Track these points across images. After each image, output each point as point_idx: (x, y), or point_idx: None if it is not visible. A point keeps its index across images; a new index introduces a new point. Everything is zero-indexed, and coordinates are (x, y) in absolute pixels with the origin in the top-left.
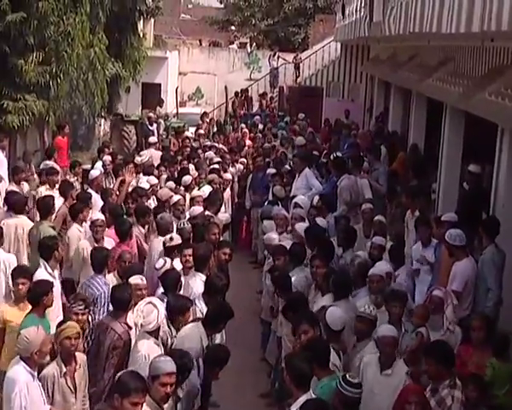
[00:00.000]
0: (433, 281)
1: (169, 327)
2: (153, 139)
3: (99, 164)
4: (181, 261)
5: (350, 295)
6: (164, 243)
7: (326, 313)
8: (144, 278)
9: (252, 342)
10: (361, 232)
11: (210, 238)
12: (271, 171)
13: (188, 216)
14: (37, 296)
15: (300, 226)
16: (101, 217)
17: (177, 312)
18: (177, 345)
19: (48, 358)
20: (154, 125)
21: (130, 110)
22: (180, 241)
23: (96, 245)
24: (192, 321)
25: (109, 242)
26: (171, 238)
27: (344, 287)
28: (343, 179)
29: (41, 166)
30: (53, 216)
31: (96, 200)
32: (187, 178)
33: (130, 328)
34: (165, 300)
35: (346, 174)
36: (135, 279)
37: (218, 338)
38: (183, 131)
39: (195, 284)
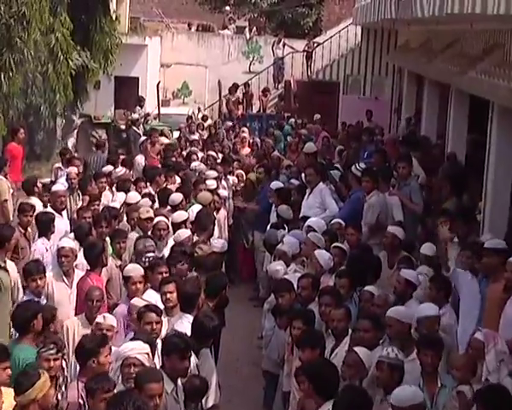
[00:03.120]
0: (477, 322)
1: None
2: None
3: (63, 178)
4: (161, 300)
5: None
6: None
7: (358, 352)
8: (109, 317)
9: (252, 398)
10: (385, 261)
11: (155, 277)
12: (276, 185)
13: (171, 243)
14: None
15: (321, 255)
16: (69, 244)
17: None
18: None
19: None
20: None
21: (100, 111)
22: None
23: (65, 278)
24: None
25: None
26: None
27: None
28: (373, 196)
29: None
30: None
31: (61, 222)
32: (176, 197)
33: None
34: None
35: (375, 190)
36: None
37: (211, 398)
38: (164, 135)
39: (182, 327)
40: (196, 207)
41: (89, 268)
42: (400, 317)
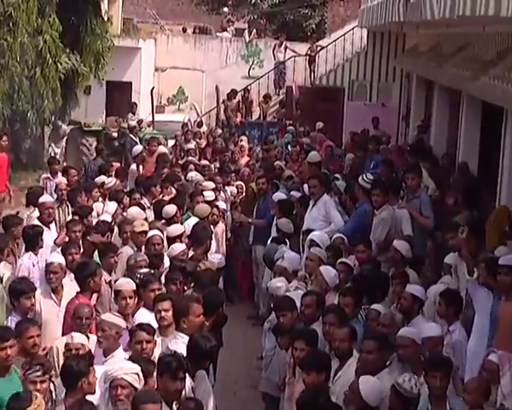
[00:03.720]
0: (490, 342)
1: None
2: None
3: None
4: (155, 319)
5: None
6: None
7: (359, 382)
8: (78, 336)
9: None
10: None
11: (148, 295)
12: (278, 197)
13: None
14: None
15: (327, 271)
16: (58, 259)
17: None
18: None
19: None
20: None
21: (90, 118)
22: None
23: (53, 296)
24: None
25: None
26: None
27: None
28: (383, 210)
29: None
30: None
31: (48, 235)
32: (169, 209)
33: None
34: None
35: (386, 204)
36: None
37: None
38: (160, 144)
39: (177, 347)
40: (192, 221)
41: (78, 289)
42: (417, 337)
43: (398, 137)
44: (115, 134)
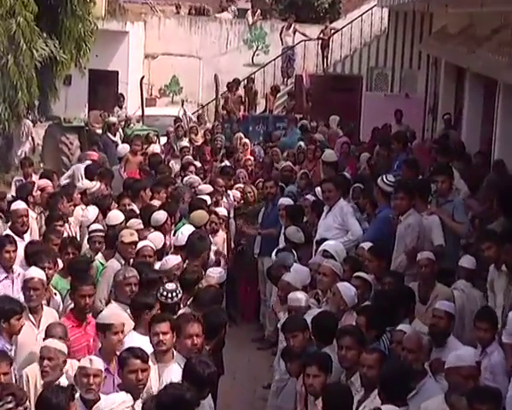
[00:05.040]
0: None
1: None
2: (123, 149)
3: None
4: (151, 342)
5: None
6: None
7: None
8: (96, 360)
9: None
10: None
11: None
12: (285, 202)
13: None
14: None
15: (346, 289)
16: (39, 274)
17: None
18: None
19: None
20: (118, 134)
21: (71, 112)
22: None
23: (31, 316)
24: None
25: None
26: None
27: (401, 383)
28: (409, 215)
29: None
30: None
31: (22, 247)
32: (159, 216)
33: None
34: None
35: (412, 208)
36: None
37: None
38: (151, 142)
39: (174, 376)
40: (187, 229)
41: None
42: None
43: (423, 132)
44: (99, 131)
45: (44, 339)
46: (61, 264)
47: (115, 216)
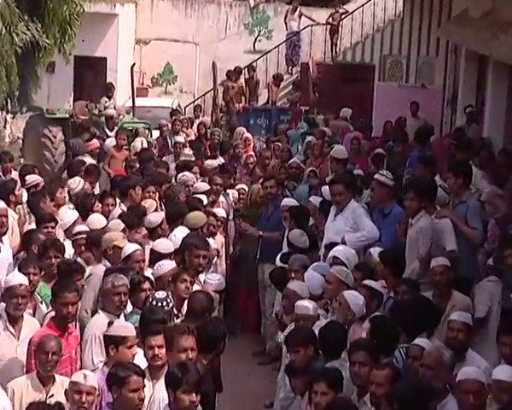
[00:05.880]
0: None
1: None
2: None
3: None
4: (145, 356)
5: None
6: None
7: None
8: (91, 376)
9: None
10: None
11: None
12: (288, 203)
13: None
14: None
15: (353, 297)
16: (23, 280)
17: None
18: None
19: None
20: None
21: (55, 102)
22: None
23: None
24: None
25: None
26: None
27: (420, 403)
28: (420, 218)
29: None
30: None
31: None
32: (154, 217)
33: None
34: None
35: (423, 210)
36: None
37: None
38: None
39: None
40: (181, 231)
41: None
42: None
43: (442, 126)
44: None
45: (35, 352)
46: None
47: (97, 220)
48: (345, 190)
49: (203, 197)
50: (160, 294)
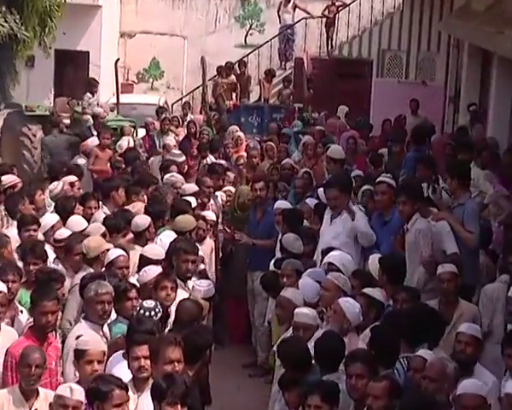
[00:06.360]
0: None
1: None
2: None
3: None
4: (129, 367)
5: None
6: None
7: None
8: (77, 389)
9: None
10: None
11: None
12: (280, 206)
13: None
14: None
15: (349, 305)
16: (2, 287)
17: None
18: None
19: None
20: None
21: (34, 98)
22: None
23: None
24: None
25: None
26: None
27: None
28: (416, 221)
29: None
30: None
31: None
32: (141, 221)
33: None
34: None
35: (417, 213)
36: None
37: None
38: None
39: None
40: (167, 236)
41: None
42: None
43: (443, 125)
44: (67, 121)
45: (17, 365)
46: None
47: (76, 222)
48: (340, 194)
49: (192, 199)
50: (149, 302)
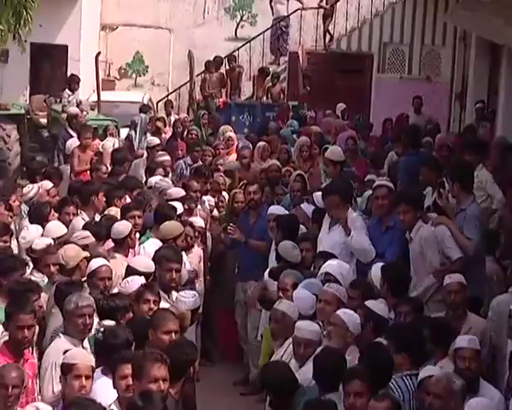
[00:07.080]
0: None
1: None
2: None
3: None
4: (117, 387)
5: None
6: None
7: None
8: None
9: None
10: None
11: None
12: (275, 211)
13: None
14: None
15: (349, 316)
16: None
17: None
18: None
19: None
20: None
21: (8, 96)
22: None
23: None
24: None
25: None
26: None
27: None
28: (419, 229)
29: None
30: None
31: None
32: (122, 227)
33: None
34: None
35: (419, 221)
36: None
37: None
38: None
39: None
40: (151, 244)
41: None
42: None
43: (449, 124)
44: (43, 120)
45: None
46: None
47: (55, 229)
48: (341, 201)
49: (178, 205)
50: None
